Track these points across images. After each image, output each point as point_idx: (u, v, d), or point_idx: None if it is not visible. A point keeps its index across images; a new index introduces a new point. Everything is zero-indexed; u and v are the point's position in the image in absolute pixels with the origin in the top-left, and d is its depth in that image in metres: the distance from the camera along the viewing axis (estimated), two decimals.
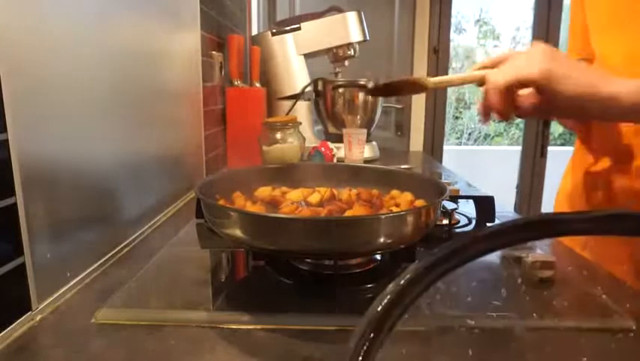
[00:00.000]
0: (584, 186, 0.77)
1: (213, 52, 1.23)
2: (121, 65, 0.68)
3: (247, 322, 0.46)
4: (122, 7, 0.68)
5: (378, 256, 0.62)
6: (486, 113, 0.58)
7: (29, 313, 0.47)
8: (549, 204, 2.55)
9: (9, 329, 0.44)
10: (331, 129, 1.56)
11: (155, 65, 0.82)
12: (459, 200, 0.82)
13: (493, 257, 0.65)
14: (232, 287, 0.57)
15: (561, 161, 0.81)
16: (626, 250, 0.68)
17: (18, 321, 0.45)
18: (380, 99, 1.53)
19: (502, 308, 0.48)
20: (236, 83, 1.33)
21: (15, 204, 0.44)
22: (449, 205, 0.74)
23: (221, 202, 0.59)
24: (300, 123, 1.20)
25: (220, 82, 1.28)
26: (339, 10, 1.53)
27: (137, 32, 0.74)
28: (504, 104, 0.56)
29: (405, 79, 0.67)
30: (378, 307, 0.18)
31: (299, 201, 0.62)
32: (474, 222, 0.78)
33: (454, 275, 0.65)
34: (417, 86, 0.62)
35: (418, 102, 2.36)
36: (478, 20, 2.96)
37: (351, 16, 1.51)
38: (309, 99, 1.55)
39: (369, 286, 0.56)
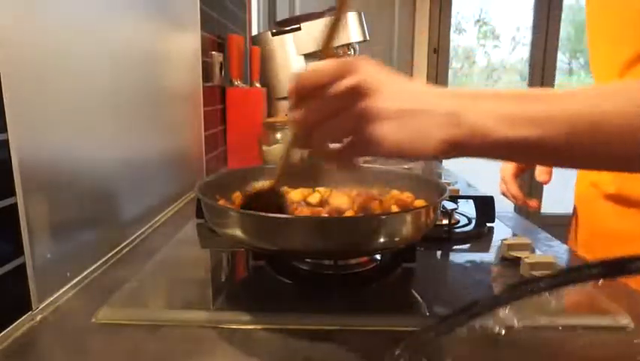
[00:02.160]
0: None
1: (213, 52, 1.23)
2: (121, 65, 0.68)
3: (247, 322, 0.46)
4: (122, 8, 0.68)
5: (378, 256, 0.62)
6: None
7: (29, 313, 0.47)
8: (549, 204, 2.55)
9: (9, 328, 0.44)
10: None
11: (155, 66, 0.82)
12: (459, 200, 0.82)
13: (492, 258, 0.65)
14: (232, 287, 0.57)
15: None
16: (626, 250, 0.68)
17: (18, 321, 0.45)
18: None
19: None
20: (236, 83, 1.33)
21: (15, 204, 0.44)
22: (449, 205, 0.74)
23: (221, 202, 0.59)
24: None
25: (220, 82, 1.28)
26: None
27: (137, 32, 0.74)
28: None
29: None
30: None
31: (299, 201, 0.62)
32: (474, 222, 0.78)
33: (453, 275, 0.65)
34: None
35: None
36: (478, 20, 2.96)
37: (351, 17, 1.51)
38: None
39: (369, 286, 0.56)
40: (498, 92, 0.37)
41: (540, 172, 0.85)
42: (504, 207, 0.86)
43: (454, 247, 0.70)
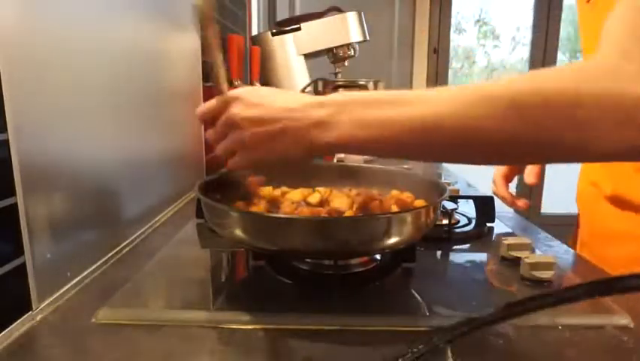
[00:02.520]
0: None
1: None
2: (121, 65, 0.68)
3: (247, 322, 0.46)
4: (122, 8, 0.68)
5: (378, 256, 0.62)
6: None
7: (30, 313, 0.47)
8: (549, 204, 2.55)
9: (9, 328, 0.44)
10: None
11: (155, 65, 0.82)
12: (459, 200, 0.82)
13: (493, 258, 0.65)
14: (232, 287, 0.57)
15: None
16: (624, 250, 0.68)
17: (18, 321, 0.45)
18: None
19: None
20: (236, 83, 1.33)
21: (15, 204, 0.44)
22: (449, 205, 0.74)
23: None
24: None
25: None
26: (339, 10, 1.53)
27: (137, 32, 0.74)
28: None
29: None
30: None
31: (299, 201, 0.62)
32: (474, 222, 0.78)
33: (453, 275, 0.65)
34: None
35: None
36: (478, 20, 2.96)
37: (351, 16, 1.51)
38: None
39: (369, 286, 0.56)
40: (359, 98, 0.42)
41: (528, 175, 0.87)
42: (504, 207, 0.86)
43: (454, 247, 0.70)
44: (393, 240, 0.49)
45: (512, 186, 0.90)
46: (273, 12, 2.32)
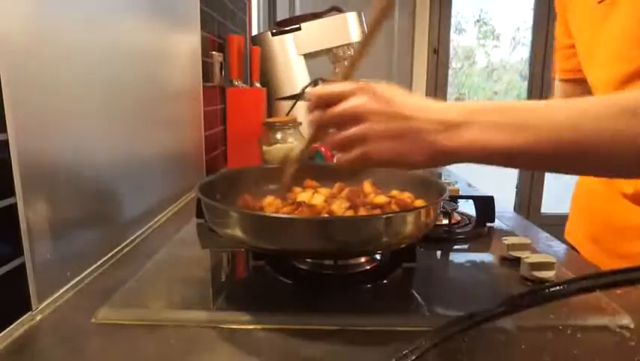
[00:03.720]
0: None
1: (213, 52, 1.23)
2: (121, 65, 0.68)
3: (247, 322, 0.46)
4: (122, 8, 0.68)
5: (378, 256, 0.62)
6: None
7: (29, 313, 0.47)
8: (549, 204, 2.55)
9: (9, 328, 0.44)
10: None
11: (155, 65, 0.82)
12: (459, 200, 0.82)
13: (492, 258, 0.65)
14: (232, 287, 0.57)
15: None
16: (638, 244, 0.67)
17: (18, 321, 0.45)
18: None
19: None
20: (236, 83, 1.33)
21: (15, 204, 0.44)
22: (449, 205, 0.74)
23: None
24: (300, 123, 1.20)
25: (220, 82, 1.28)
26: (339, 10, 1.53)
27: (137, 32, 0.74)
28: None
29: None
30: None
31: (301, 201, 0.62)
32: (474, 222, 0.78)
33: (453, 275, 0.65)
34: None
35: None
36: (478, 20, 2.96)
37: (351, 16, 1.51)
38: (309, 99, 1.54)
39: (369, 286, 0.56)
40: (491, 103, 0.42)
41: None
42: (504, 207, 0.86)
43: (454, 247, 0.70)
44: (393, 240, 0.49)
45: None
46: (273, 12, 2.32)
